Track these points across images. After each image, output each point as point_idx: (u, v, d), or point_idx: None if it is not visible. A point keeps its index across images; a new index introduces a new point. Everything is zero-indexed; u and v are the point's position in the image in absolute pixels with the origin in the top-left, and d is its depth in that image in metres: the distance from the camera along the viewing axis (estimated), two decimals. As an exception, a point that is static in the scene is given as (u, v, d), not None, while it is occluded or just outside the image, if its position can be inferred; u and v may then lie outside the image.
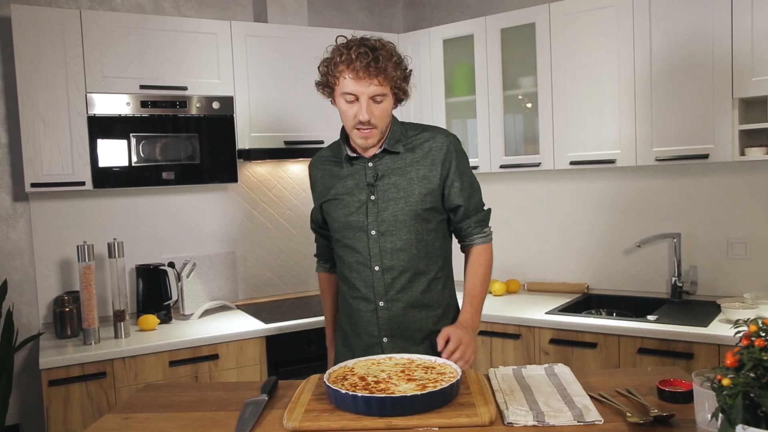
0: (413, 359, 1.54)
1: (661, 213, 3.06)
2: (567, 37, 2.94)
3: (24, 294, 2.93)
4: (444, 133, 1.87)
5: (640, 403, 1.34)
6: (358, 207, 1.83)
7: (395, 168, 1.83)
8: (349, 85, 1.71)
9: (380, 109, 1.75)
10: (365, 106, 1.72)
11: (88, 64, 2.73)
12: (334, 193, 1.88)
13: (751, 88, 2.50)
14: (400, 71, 1.76)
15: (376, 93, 1.72)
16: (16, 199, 2.92)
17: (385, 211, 1.81)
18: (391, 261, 1.81)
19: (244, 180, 3.40)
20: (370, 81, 1.70)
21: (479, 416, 1.27)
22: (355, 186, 1.85)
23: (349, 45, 1.72)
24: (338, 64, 1.72)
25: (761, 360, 0.88)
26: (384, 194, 1.81)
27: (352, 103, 1.74)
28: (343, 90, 1.73)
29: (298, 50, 3.19)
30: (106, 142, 2.76)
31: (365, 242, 1.82)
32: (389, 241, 1.81)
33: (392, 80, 1.73)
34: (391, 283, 1.81)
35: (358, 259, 1.84)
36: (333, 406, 1.36)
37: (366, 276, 1.83)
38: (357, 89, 1.71)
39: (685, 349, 2.41)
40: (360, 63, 1.68)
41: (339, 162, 1.89)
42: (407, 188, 1.81)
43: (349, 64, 1.69)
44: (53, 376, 2.42)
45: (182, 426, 1.34)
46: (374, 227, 1.81)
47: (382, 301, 1.82)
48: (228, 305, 3.19)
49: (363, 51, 1.69)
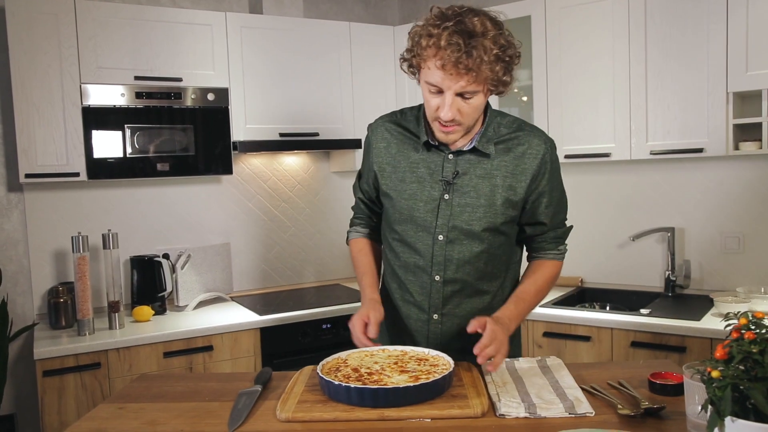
0: (406, 351, 1.55)
1: (655, 207, 3.07)
2: (563, 30, 2.94)
3: (18, 284, 2.93)
4: (541, 137, 1.62)
5: (632, 395, 1.35)
6: (427, 203, 1.60)
7: (479, 167, 1.58)
8: (434, 75, 1.44)
9: (469, 106, 1.48)
10: (449, 102, 1.46)
11: (83, 55, 2.72)
12: (401, 177, 1.64)
13: (745, 83, 2.50)
14: (500, 66, 1.44)
15: (465, 90, 1.45)
16: (10, 190, 2.91)
17: (459, 216, 1.58)
18: (456, 273, 1.61)
19: (239, 172, 3.40)
20: (458, 77, 1.42)
21: (471, 408, 1.28)
22: (429, 176, 1.61)
23: (442, 24, 1.41)
24: (424, 48, 1.44)
25: (750, 353, 0.89)
26: (462, 196, 1.58)
27: (435, 95, 1.49)
28: (426, 79, 1.48)
29: (293, 42, 3.19)
30: (101, 133, 2.76)
31: (429, 246, 1.61)
32: (457, 251, 1.60)
33: (487, 78, 1.44)
34: (450, 296, 1.63)
35: (417, 262, 1.64)
36: (326, 397, 1.36)
37: (424, 282, 1.64)
38: (442, 83, 1.44)
39: (677, 342, 2.42)
40: (449, 54, 1.39)
41: (412, 139, 1.65)
42: (489, 195, 1.57)
43: (437, 51, 1.41)
44: (48, 366, 2.43)
45: (176, 416, 1.35)
46: (443, 232, 1.59)
47: (436, 314, 1.65)
48: (222, 297, 3.19)
49: (455, 41, 1.38)
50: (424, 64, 1.47)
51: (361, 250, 1.80)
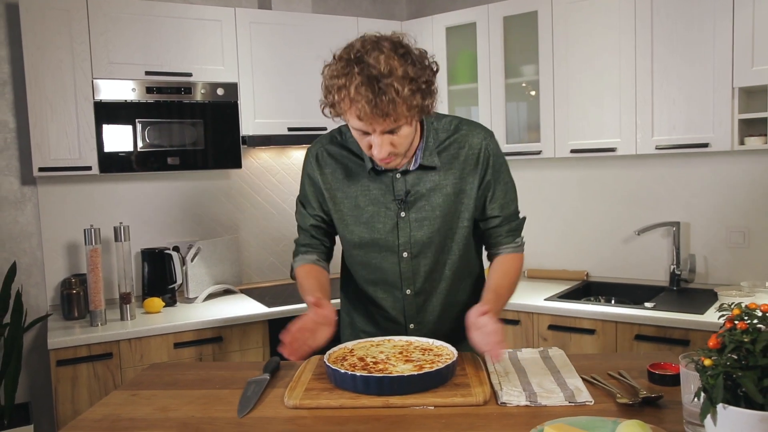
0: (411, 341, 1.58)
1: (660, 201, 3.09)
2: (569, 25, 2.96)
3: (32, 276, 2.99)
4: (478, 134, 1.63)
5: (631, 385, 1.37)
6: (386, 224, 1.62)
7: (429, 180, 1.60)
8: (355, 123, 1.43)
9: (399, 138, 1.46)
10: (379, 142, 1.44)
11: (95, 50, 2.76)
12: (354, 203, 1.64)
13: (751, 78, 2.52)
14: (417, 97, 1.40)
15: (390, 128, 1.43)
16: (24, 183, 2.96)
17: (418, 231, 1.61)
18: (425, 284, 1.66)
19: (247, 166, 3.44)
20: (378, 122, 1.40)
21: (473, 396, 1.31)
22: (382, 196, 1.61)
23: (347, 73, 1.38)
24: (338, 102, 1.42)
25: (742, 342, 0.92)
26: (418, 211, 1.61)
27: (364, 135, 1.47)
28: (350, 125, 1.46)
29: (302, 37, 3.22)
30: (112, 127, 2.80)
31: (395, 263, 1.64)
32: (423, 264, 1.63)
33: (407, 112, 1.40)
34: (423, 305, 1.68)
35: (385, 279, 1.67)
36: (332, 386, 1.40)
37: (396, 297, 1.68)
38: (365, 128, 1.43)
39: (681, 336, 2.45)
40: (362, 106, 1.37)
41: (357, 162, 1.63)
42: (443, 206, 1.60)
43: (350, 104, 1.39)
44: (61, 356, 2.48)
45: (186, 402, 1.39)
46: (407, 249, 1.62)
47: (413, 324, 1.70)
48: (231, 289, 3.24)
49: (364, 92, 1.35)
50: (343, 114, 1.45)
51: (308, 273, 1.71)
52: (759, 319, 0.94)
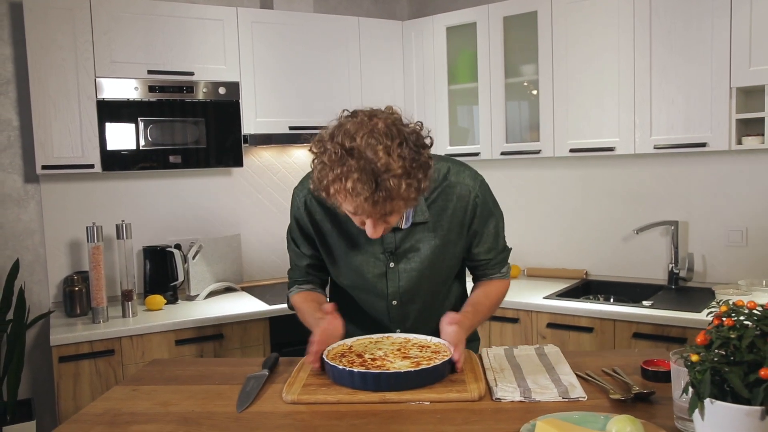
0: (409, 338, 1.60)
1: (659, 200, 3.10)
2: (568, 25, 2.97)
3: (35, 273, 3.01)
4: (466, 182, 1.62)
5: (624, 381, 1.39)
6: (374, 274, 1.64)
7: (419, 233, 1.61)
8: (350, 210, 1.38)
9: (393, 218, 1.42)
10: (371, 228, 1.41)
11: (97, 49, 2.78)
12: (345, 250, 1.64)
13: (748, 78, 2.53)
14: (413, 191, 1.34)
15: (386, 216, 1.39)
16: (27, 181, 2.99)
17: (408, 281, 1.64)
18: (415, 323, 1.71)
19: (249, 164, 3.46)
20: (374, 211, 1.35)
21: (469, 392, 1.33)
22: (370, 247, 1.62)
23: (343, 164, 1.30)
24: (334, 193, 1.35)
25: (729, 338, 0.94)
26: (407, 263, 1.63)
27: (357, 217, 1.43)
28: (344, 208, 1.40)
29: (303, 37, 3.24)
30: (115, 125, 2.83)
31: (384, 308, 1.69)
32: (413, 308, 1.69)
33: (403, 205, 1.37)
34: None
35: (374, 319, 1.73)
36: (330, 381, 1.42)
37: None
38: (360, 217, 1.40)
39: (678, 334, 2.46)
40: (361, 201, 1.31)
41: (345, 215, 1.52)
42: (432, 257, 1.62)
43: (346, 197, 1.33)
44: (63, 352, 2.51)
45: (187, 397, 1.41)
46: (396, 297, 1.67)
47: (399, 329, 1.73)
48: (233, 287, 3.26)
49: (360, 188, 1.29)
50: (338, 204, 1.39)
51: (306, 298, 1.73)
52: (745, 315, 0.96)
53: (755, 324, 0.96)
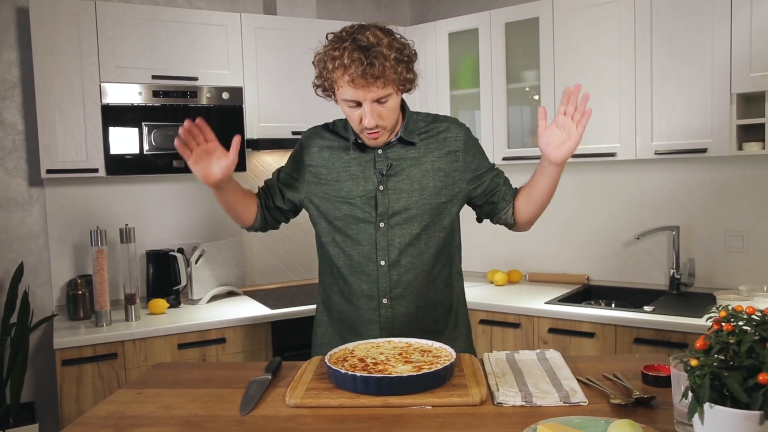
0: (411, 343, 1.61)
1: (660, 206, 3.11)
2: (570, 31, 2.99)
3: (38, 277, 3.03)
4: (456, 123, 1.81)
5: (625, 386, 1.40)
6: (363, 197, 1.72)
7: (408, 157, 1.74)
8: (348, 92, 1.60)
9: (387, 109, 1.63)
10: (369, 110, 1.60)
11: (102, 54, 2.80)
12: (336, 177, 1.76)
13: (749, 84, 2.54)
14: (401, 67, 1.61)
15: (379, 96, 1.60)
16: (31, 185, 3.01)
17: (396, 202, 1.72)
18: (399, 256, 1.72)
19: (252, 169, 3.48)
20: (369, 87, 1.57)
21: (470, 396, 1.34)
22: (361, 172, 1.74)
23: (340, 47, 1.57)
24: (332, 71, 1.59)
25: (728, 343, 0.95)
26: (396, 184, 1.72)
27: (354, 108, 1.63)
28: (342, 97, 1.63)
29: (306, 42, 3.21)
30: (119, 130, 2.84)
31: (372, 234, 1.72)
32: (398, 234, 1.72)
33: (394, 80, 1.60)
34: (397, 280, 1.73)
35: (361, 251, 1.74)
36: (333, 385, 1.43)
37: (370, 271, 1.74)
38: (356, 96, 1.59)
39: (679, 339, 2.47)
40: (354, 70, 1.54)
41: (342, 142, 1.79)
42: (421, 180, 1.72)
43: (344, 71, 1.56)
44: (66, 356, 2.52)
45: (190, 401, 1.42)
46: (383, 219, 1.72)
47: (386, 299, 1.74)
48: (235, 291, 3.28)
49: (356, 57, 1.54)
50: (336, 84, 1.61)
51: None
52: (744, 320, 0.97)
53: (754, 329, 0.97)
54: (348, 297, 1.79)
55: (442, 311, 1.82)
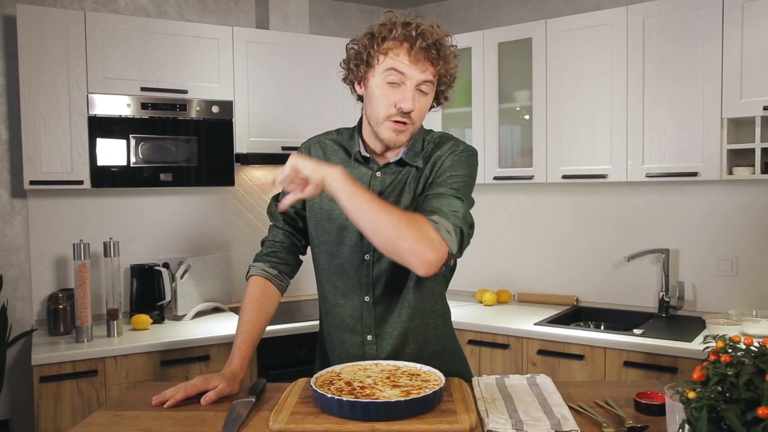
0: (399, 366, 1.57)
1: (650, 228, 3.11)
2: (562, 53, 2.99)
3: (18, 290, 2.96)
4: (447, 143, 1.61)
5: (617, 414, 1.37)
6: None
7: (403, 178, 1.59)
8: (401, 64, 1.46)
9: (422, 104, 1.51)
10: (411, 93, 1.48)
11: (91, 65, 2.77)
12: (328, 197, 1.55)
13: (739, 109, 2.55)
14: (455, 67, 1.54)
15: (426, 80, 1.49)
16: (14, 196, 2.95)
17: None
18: (384, 292, 1.61)
19: (240, 183, 3.44)
20: (426, 66, 1.47)
21: (460, 423, 1.31)
22: None
23: (406, 22, 1.47)
24: (388, 39, 1.47)
25: (726, 375, 0.92)
26: None
27: (394, 87, 1.48)
28: (388, 66, 1.47)
29: (298, 57, 3.24)
30: (106, 142, 2.80)
31: (357, 266, 1.61)
32: (385, 268, 1.59)
33: (447, 74, 1.51)
34: (383, 316, 1.63)
35: (346, 282, 1.64)
36: (318, 410, 1.39)
37: (353, 306, 1.64)
38: (409, 71, 1.46)
39: (669, 363, 2.45)
40: (420, 44, 1.44)
41: (343, 156, 1.65)
42: (410, 206, 1.56)
43: (405, 41, 1.45)
44: (45, 372, 2.45)
45: (171, 424, 1.37)
46: (369, 251, 1.59)
47: (370, 335, 1.64)
48: (221, 307, 3.22)
49: (425, 31, 1.45)
50: (383, 56, 1.48)
51: (256, 301, 1.69)
52: (743, 352, 0.95)
53: (752, 361, 0.94)
54: (331, 328, 1.71)
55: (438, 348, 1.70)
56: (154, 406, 1.48)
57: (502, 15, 3.60)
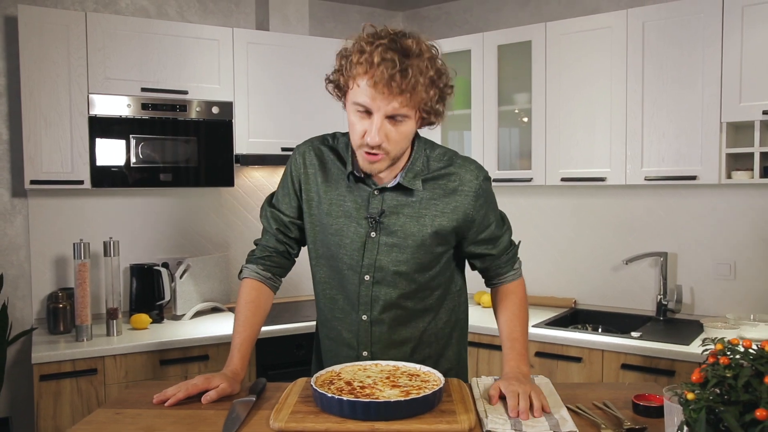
0: (398, 366, 1.58)
1: (649, 231, 3.12)
2: (562, 56, 3.00)
3: (19, 289, 2.97)
4: (473, 172, 1.55)
5: (615, 416, 1.38)
6: (353, 241, 1.54)
7: (407, 206, 1.52)
8: (363, 95, 1.35)
9: (398, 133, 1.39)
10: (378, 124, 1.36)
11: (91, 66, 2.77)
12: (327, 210, 1.56)
13: (738, 113, 2.56)
14: (434, 91, 1.38)
15: (396, 113, 1.36)
16: (14, 195, 2.96)
17: (387, 256, 1.53)
18: (382, 314, 1.58)
19: (240, 184, 3.45)
20: (391, 97, 1.33)
21: (459, 423, 1.31)
22: (355, 211, 1.54)
23: (375, 41, 1.33)
24: (355, 64, 1.35)
25: (725, 377, 0.93)
26: (389, 236, 1.52)
27: (362, 117, 1.39)
28: (354, 99, 1.38)
29: (297, 59, 3.25)
30: (106, 142, 2.81)
31: (356, 285, 1.57)
32: (384, 292, 1.56)
33: (421, 102, 1.37)
34: (379, 336, 1.61)
35: (344, 298, 1.61)
36: (319, 409, 1.39)
37: (351, 321, 1.61)
38: (372, 103, 1.35)
39: (667, 366, 2.46)
40: (382, 71, 1.30)
41: (340, 168, 1.57)
42: (417, 236, 1.52)
43: (369, 68, 1.32)
44: (44, 371, 2.46)
45: (172, 422, 1.38)
46: (369, 272, 1.55)
47: (366, 351, 1.62)
48: (219, 307, 3.23)
49: (390, 57, 1.30)
50: (353, 82, 1.38)
51: (252, 302, 1.65)
52: (741, 354, 0.96)
53: (750, 363, 0.95)
54: (327, 341, 1.71)
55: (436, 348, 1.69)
56: (155, 405, 1.48)
57: (502, 18, 3.62)
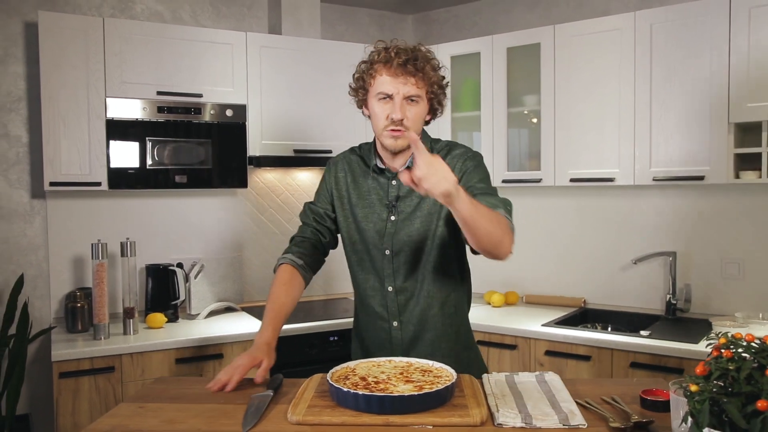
0: (411, 363, 1.63)
1: (657, 231, 3.14)
2: (571, 58, 3.04)
3: (37, 288, 3.03)
4: (458, 152, 1.82)
5: (623, 410, 1.42)
6: (376, 224, 1.83)
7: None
8: (385, 83, 1.72)
9: (413, 112, 1.73)
10: (399, 104, 1.71)
11: (108, 70, 2.83)
12: (356, 203, 1.88)
13: (746, 114, 2.59)
14: (437, 76, 1.77)
15: (412, 93, 1.71)
16: (33, 197, 3.02)
17: (401, 230, 1.80)
18: (405, 282, 1.83)
19: (253, 185, 3.50)
20: (406, 79, 1.70)
21: (471, 417, 1.36)
22: (378, 201, 1.85)
23: (387, 46, 1.76)
24: (375, 63, 1.74)
25: (728, 369, 0.97)
26: (403, 214, 1.81)
27: (385, 102, 1.73)
28: (377, 90, 1.74)
29: (310, 62, 3.30)
30: (123, 144, 2.87)
31: (380, 261, 1.83)
32: (403, 261, 1.81)
33: (429, 83, 1.74)
34: (405, 304, 1.84)
35: (373, 276, 1.86)
36: (335, 403, 1.44)
37: (381, 296, 1.86)
38: (392, 88, 1.71)
39: (675, 364, 2.48)
40: (397, 60, 1.70)
41: (365, 168, 1.88)
42: (424, 207, 1.79)
43: (386, 62, 1.72)
44: (64, 368, 2.51)
45: (193, 416, 1.43)
46: (389, 247, 1.81)
47: (396, 321, 1.85)
48: (233, 307, 3.28)
49: (402, 49, 1.73)
50: (374, 78, 1.74)
51: (285, 283, 1.90)
52: (744, 347, 0.99)
53: (753, 356, 0.99)
54: (363, 316, 1.93)
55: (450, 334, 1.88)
56: (175, 399, 1.53)
57: (511, 20, 3.65)
